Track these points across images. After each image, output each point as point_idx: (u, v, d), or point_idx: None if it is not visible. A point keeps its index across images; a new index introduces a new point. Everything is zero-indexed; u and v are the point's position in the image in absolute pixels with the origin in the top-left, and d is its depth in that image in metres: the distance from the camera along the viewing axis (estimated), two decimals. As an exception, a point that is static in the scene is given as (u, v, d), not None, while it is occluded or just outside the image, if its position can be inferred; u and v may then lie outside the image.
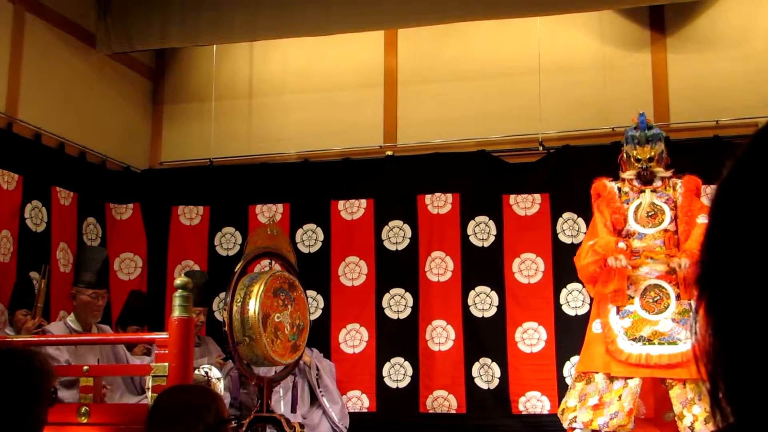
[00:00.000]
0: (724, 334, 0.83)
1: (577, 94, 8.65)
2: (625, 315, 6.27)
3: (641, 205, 6.51)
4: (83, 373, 5.32)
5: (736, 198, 0.84)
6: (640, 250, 6.42)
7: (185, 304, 5.06)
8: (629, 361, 6.09)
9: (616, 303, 6.34)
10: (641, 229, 6.45)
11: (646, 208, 6.47)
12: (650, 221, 6.46)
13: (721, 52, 8.38)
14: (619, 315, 6.30)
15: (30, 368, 2.78)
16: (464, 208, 8.62)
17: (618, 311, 6.31)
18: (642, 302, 6.25)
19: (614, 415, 6.03)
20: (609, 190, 6.66)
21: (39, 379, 2.79)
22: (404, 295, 8.62)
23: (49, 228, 8.05)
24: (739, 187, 0.84)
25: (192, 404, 2.91)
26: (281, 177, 9.09)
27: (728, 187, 0.86)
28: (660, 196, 6.53)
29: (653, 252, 6.38)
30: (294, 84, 9.54)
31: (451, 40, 9.09)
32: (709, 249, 0.86)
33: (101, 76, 9.12)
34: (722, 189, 0.86)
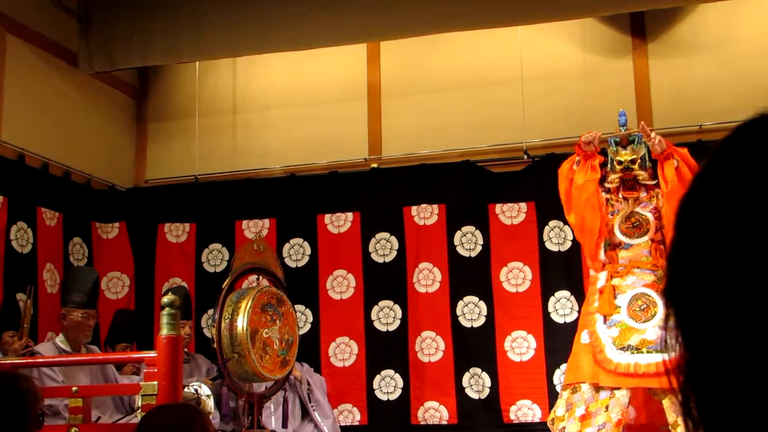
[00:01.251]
0: (692, 347, 0.83)
1: (561, 102, 8.67)
2: (612, 324, 6.26)
3: (628, 214, 6.50)
4: (72, 394, 5.31)
5: (699, 211, 0.85)
6: (626, 260, 6.42)
7: (173, 322, 5.06)
8: (618, 371, 6.07)
9: (603, 312, 6.32)
10: (627, 239, 6.45)
11: (630, 219, 6.46)
12: (635, 231, 6.45)
13: (703, 57, 8.41)
14: (607, 324, 6.28)
15: (17, 392, 2.77)
16: (450, 218, 8.63)
17: (605, 321, 6.30)
18: (629, 311, 6.23)
19: (602, 426, 6.00)
20: (602, 198, 6.64)
21: (26, 402, 2.78)
22: (393, 307, 8.62)
23: (35, 249, 8.03)
24: (701, 200, 0.85)
25: (178, 423, 2.90)
26: (267, 192, 9.08)
27: (690, 200, 0.86)
28: (644, 206, 6.52)
29: (639, 262, 6.38)
30: (278, 99, 9.54)
31: (434, 52, 9.10)
32: (673, 262, 0.87)
33: (84, 96, 9.11)
34: (685, 202, 0.87)
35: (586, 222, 6.53)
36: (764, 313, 0.77)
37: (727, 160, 0.85)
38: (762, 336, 0.77)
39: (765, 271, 0.77)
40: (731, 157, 0.85)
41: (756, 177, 0.80)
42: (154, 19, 8.69)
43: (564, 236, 8.32)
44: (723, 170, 0.84)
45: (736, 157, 0.84)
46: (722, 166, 0.85)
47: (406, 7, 8.11)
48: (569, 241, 8.29)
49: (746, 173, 0.81)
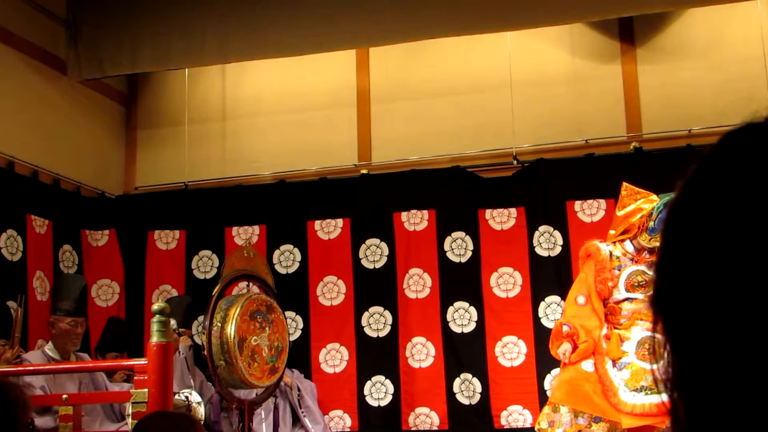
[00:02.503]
0: (680, 354, 0.84)
1: (550, 108, 8.69)
2: (622, 367, 6.21)
3: (636, 271, 6.45)
4: (62, 402, 5.30)
5: (685, 219, 0.85)
6: (629, 312, 6.39)
7: (163, 329, 5.05)
8: (634, 412, 6.02)
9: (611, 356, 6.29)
10: (631, 294, 6.41)
11: (636, 277, 6.43)
12: (641, 289, 6.41)
13: (691, 62, 8.44)
14: (617, 368, 6.23)
15: (6, 400, 2.76)
16: (440, 224, 8.63)
17: (614, 364, 6.26)
18: (638, 354, 6.20)
19: None
20: (603, 258, 6.56)
21: (15, 410, 2.77)
22: (383, 313, 8.62)
23: (24, 256, 8.01)
24: (688, 209, 0.85)
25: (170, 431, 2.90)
26: (257, 198, 9.08)
27: (677, 208, 0.87)
28: (650, 265, 6.46)
29: (642, 314, 6.34)
30: (267, 105, 9.54)
31: (423, 58, 9.11)
32: (661, 271, 0.87)
33: (73, 103, 9.09)
34: (673, 211, 0.88)
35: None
36: (751, 318, 0.78)
37: (713, 168, 0.86)
38: (749, 341, 0.78)
39: (752, 278, 0.78)
40: (718, 165, 0.85)
41: (741, 185, 0.81)
42: (143, 25, 8.69)
43: (554, 241, 8.33)
44: (709, 179, 0.85)
45: (722, 165, 0.85)
46: (709, 174, 0.85)
47: (395, 13, 8.12)
48: (559, 247, 8.31)
49: (732, 182, 0.82)
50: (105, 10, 8.86)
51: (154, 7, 8.70)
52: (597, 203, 8.24)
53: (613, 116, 8.50)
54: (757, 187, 0.80)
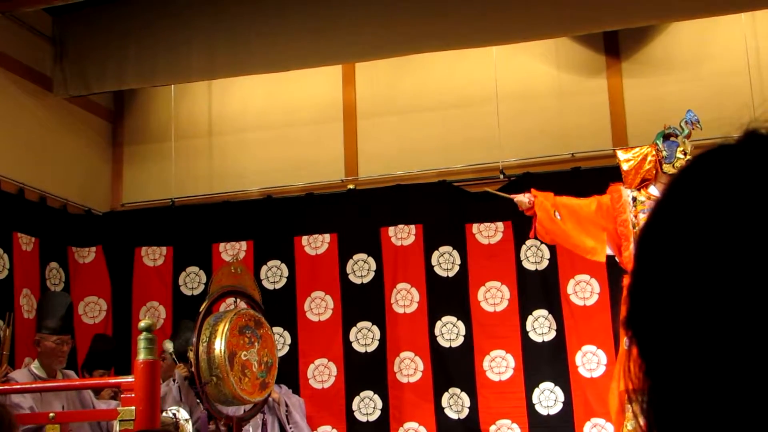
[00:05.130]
0: (653, 375, 0.84)
1: (536, 122, 8.71)
2: None
3: None
4: (49, 420, 5.27)
5: (657, 241, 0.85)
6: None
7: (150, 346, 5.03)
8: None
9: None
10: None
11: None
12: None
13: (676, 75, 8.47)
14: None
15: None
16: (428, 238, 8.64)
17: None
18: None
19: None
20: (623, 202, 6.58)
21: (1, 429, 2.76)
22: (371, 328, 8.62)
23: (11, 274, 7.99)
24: (659, 230, 0.86)
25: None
26: (244, 214, 9.08)
27: (649, 230, 0.87)
28: None
29: None
30: (254, 121, 9.55)
31: (409, 72, 9.13)
32: (633, 292, 0.87)
33: (59, 120, 9.09)
34: (644, 232, 0.88)
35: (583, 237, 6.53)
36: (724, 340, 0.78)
37: (684, 191, 0.86)
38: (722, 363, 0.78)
39: (722, 300, 0.78)
40: (688, 188, 0.86)
41: (712, 207, 0.81)
42: (129, 42, 8.69)
43: (541, 255, 8.34)
44: (681, 200, 0.85)
45: (692, 188, 0.85)
46: (680, 196, 0.86)
47: (381, 28, 8.14)
48: (546, 260, 8.32)
49: (703, 203, 0.82)
50: (91, 28, 8.86)
51: (140, 24, 8.71)
52: (584, 217, 8.25)
53: (599, 130, 8.53)
54: (728, 209, 0.80)
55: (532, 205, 6.70)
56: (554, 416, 8.13)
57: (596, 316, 8.14)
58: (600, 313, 8.14)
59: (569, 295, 8.24)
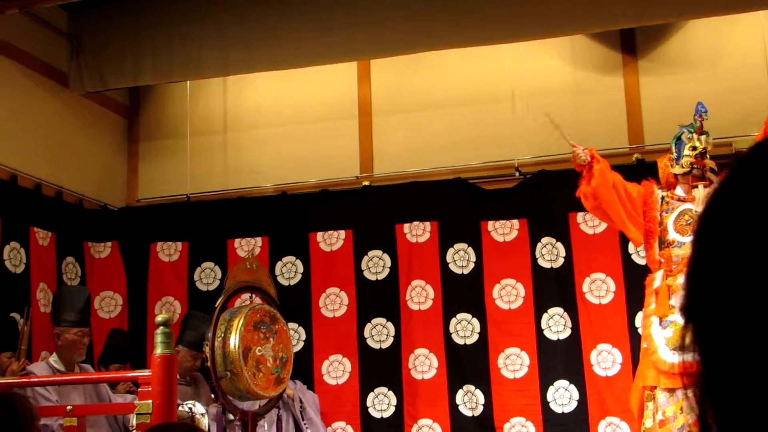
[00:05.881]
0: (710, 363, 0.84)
1: (552, 119, 8.69)
2: (667, 325, 6.19)
3: (683, 211, 6.43)
4: (67, 413, 5.30)
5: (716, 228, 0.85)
6: (680, 258, 6.35)
7: (167, 341, 5.05)
8: (672, 371, 6.00)
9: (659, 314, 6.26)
10: (680, 237, 6.38)
11: (684, 216, 6.39)
12: (689, 229, 6.38)
13: (693, 73, 8.44)
14: (662, 325, 6.22)
15: (12, 411, 2.77)
16: (443, 235, 8.63)
17: (660, 322, 6.24)
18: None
19: (681, 429, 5.91)
20: (654, 198, 6.58)
21: (22, 421, 2.77)
22: (386, 325, 8.62)
23: (28, 269, 8.02)
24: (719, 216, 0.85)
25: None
26: (259, 210, 9.08)
27: (708, 216, 0.87)
28: (699, 203, 6.45)
29: None
30: (269, 117, 9.55)
31: (424, 69, 9.13)
32: (692, 279, 0.87)
33: (75, 116, 9.11)
34: (703, 219, 0.88)
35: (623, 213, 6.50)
36: None
37: (743, 177, 0.85)
38: None
39: None
40: (748, 174, 0.85)
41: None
42: (144, 38, 8.71)
43: (556, 253, 8.32)
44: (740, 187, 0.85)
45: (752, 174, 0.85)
46: (739, 183, 0.85)
47: (396, 25, 8.14)
48: (561, 258, 8.31)
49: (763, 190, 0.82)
50: (106, 24, 8.88)
51: (156, 20, 8.72)
52: (600, 214, 8.24)
53: (615, 128, 8.51)
54: None
55: (588, 164, 6.57)
56: (569, 414, 8.12)
57: (612, 315, 8.12)
58: (616, 311, 8.11)
59: (584, 294, 8.22)
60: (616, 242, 8.16)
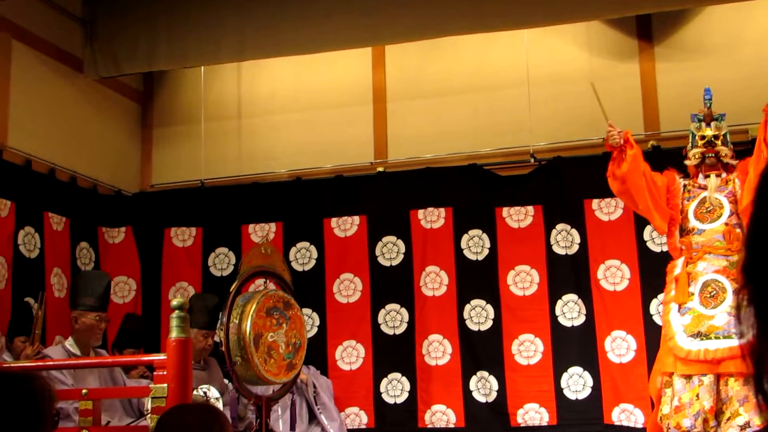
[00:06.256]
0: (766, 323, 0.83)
1: (567, 106, 8.66)
2: (685, 312, 6.18)
3: (703, 199, 6.41)
4: (82, 397, 5.30)
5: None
6: (699, 245, 6.34)
7: (183, 324, 5.05)
8: (689, 358, 6.00)
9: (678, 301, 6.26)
10: (700, 224, 6.37)
11: (704, 204, 6.38)
12: (709, 216, 6.37)
13: (710, 60, 8.40)
14: (680, 312, 6.21)
15: (31, 392, 2.76)
16: (457, 221, 8.62)
17: (679, 309, 6.24)
18: (701, 298, 6.17)
19: (697, 414, 5.91)
20: (676, 186, 6.56)
21: (41, 402, 2.77)
22: (399, 311, 8.62)
23: (42, 253, 8.04)
24: None
25: (195, 424, 2.90)
26: (273, 196, 9.08)
27: None
28: (720, 190, 6.43)
29: (712, 247, 6.28)
30: (283, 103, 9.55)
31: (439, 55, 9.11)
32: (752, 239, 0.86)
33: (90, 101, 9.11)
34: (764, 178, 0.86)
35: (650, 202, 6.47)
36: None
37: None
38: None
39: None
40: None
41: None
42: (159, 23, 8.70)
43: (571, 240, 8.31)
44: None
45: None
46: None
47: (412, 11, 8.12)
48: (576, 245, 8.29)
49: None
50: (121, 8, 8.87)
51: (170, 5, 8.71)
52: (615, 201, 8.20)
53: (631, 114, 8.46)
54: None
55: (620, 145, 6.53)
56: (582, 401, 8.11)
57: (626, 302, 8.10)
58: (630, 298, 8.10)
59: (599, 280, 8.21)
60: (631, 229, 8.15)
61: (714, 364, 5.93)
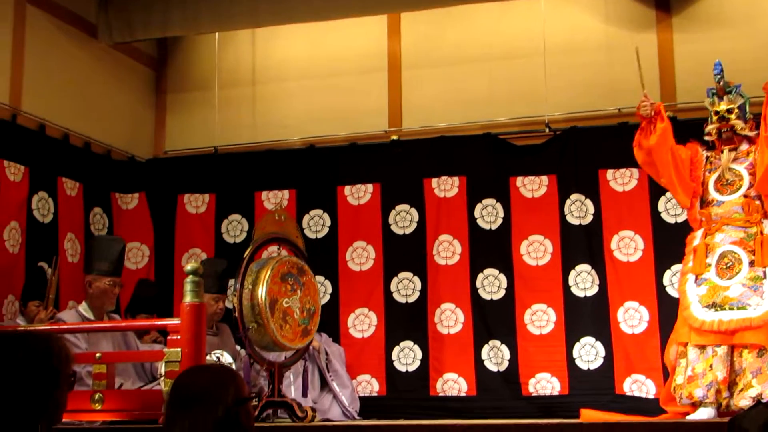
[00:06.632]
0: None
1: (583, 76, 8.63)
2: (701, 283, 6.15)
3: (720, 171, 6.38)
4: (96, 360, 5.32)
5: None
6: (718, 216, 6.31)
7: (197, 289, 5.07)
8: (703, 328, 5.98)
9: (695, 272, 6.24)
10: (719, 196, 6.34)
11: (725, 175, 6.34)
12: (728, 188, 6.33)
13: (728, 31, 8.34)
14: (697, 283, 6.19)
15: (48, 352, 2.76)
16: (471, 191, 8.60)
17: (696, 279, 6.21)
18: (717, 269, 6.15)
19: (710, 385, 5.90)
20: (699, 158, 6.52)
21: (57, 363, 2.77)
22: (412, 279, 8.61)
23: (56, 218, 8.05)
24: None
25: (210, 385, 2.89)
26: (287, 163, 9.07)
27: None
28: (741, 161, 6.38)
29: (731, 219, 6.26)
30: (297, 70, 9.52)
31: (455, 23, 9.07)
32: None
33: (104, 67, 9.10)
34: None
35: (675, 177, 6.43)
36: None
37: None
38: None
39: None
40: None
41: None
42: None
43: (585, 210, 8.28)
44: None
45: None
46: None
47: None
48: (590, 215, 8.27)
49: None
50: (135, -27, 8.85)
51: (185, -29, 8.69)
52: (629, 172, 8.18)
53: (648, 85, 8.41)
54: None
55: (650, 116, 6.48)
56: (594, 371, 8.11)
57: (639, 273, 8.09)
58: (643, 269, 8.08)
59: (613, 251, 8.19)
60: (645, 200, 8.12)
61: (728, 335, 5.91)
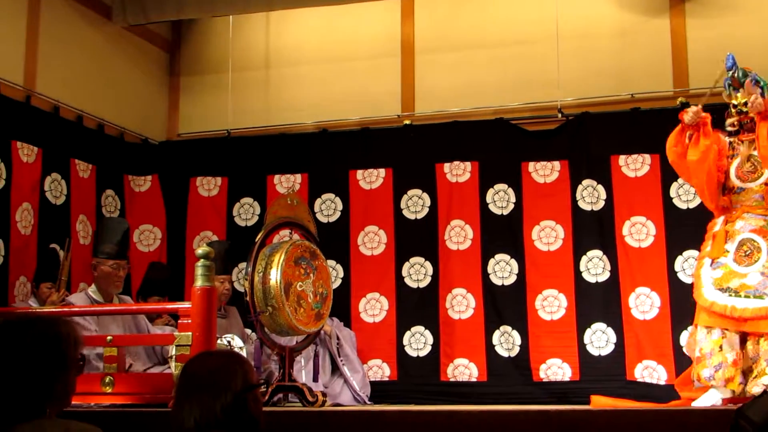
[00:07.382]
0: None
1: (596, 61, 8.61)
2: (717, 266, 6.14)
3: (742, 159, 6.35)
4: (107, 343, 5.35)
5: None
6: (739, 204, 6.29)
7: (208, 273, 5.09)
8: (712, 309, 5.97)
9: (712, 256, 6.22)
10: (740, 183, 6.31)
11: (748, 162, 6.31)
12: (750, 175, 6.31)
13: (741, 17, 8.31)
14: (712, 267, 6.18)
15: (57, 336, 2.78)
16: (483, 176, 8.59)
17: (712, 263, 6.20)
18: (735, 255, 6.12)
19: (718, 366, 5.90)
20: (722, 145, 6.48)
21: (66, 346, 2.78)
22: (424, 264, 8.62)
23: (68, 200, 8.07)
24: None
25: (219, 371, 2.90)
26: (299, 147, 9.07)
27: None
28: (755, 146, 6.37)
29: (750, 207, 6.24)
30: (311, 54, 9.52)
31: (468, 8, 9.06)
32: None
33: (118, 49, 9.11)
34: None
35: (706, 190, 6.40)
36: None
37: None
38: None
39: None
40: None
41: None
42: (188, -29, 8.68)
43: (597, 196, 8.27)
44: None
45: None
46: None
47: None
48: (602, 201, 8.25)
49: None
50: (149, -45, 8.84)
51: (200, -47, 8.68)
52: (642, 158, 8.17)
53: (660, 71, 8.41)
54: None
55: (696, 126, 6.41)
56: (605, 357, 8.11)
57: (651, 258, 8.08)
58: (655, 255, 8.07)
59: (624, 237, 8.18)
60: (657, 186, 8.11)
61: (740, 322, 5.89)
